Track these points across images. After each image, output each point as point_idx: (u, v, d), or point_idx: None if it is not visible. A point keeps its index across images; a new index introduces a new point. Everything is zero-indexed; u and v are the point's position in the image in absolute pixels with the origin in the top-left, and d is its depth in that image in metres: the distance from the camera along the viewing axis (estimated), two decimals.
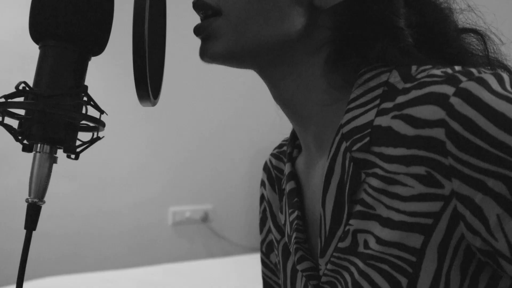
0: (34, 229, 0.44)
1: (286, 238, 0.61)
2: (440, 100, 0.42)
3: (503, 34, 0.57)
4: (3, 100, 0.43)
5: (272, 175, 0.69)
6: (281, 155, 0.69)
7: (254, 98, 2.72)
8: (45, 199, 0.45)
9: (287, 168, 0.62)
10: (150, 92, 0.46)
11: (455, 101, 0.41)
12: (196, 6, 0.53)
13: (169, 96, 1.37)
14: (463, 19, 0.56)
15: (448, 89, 0.42)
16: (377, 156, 0.46)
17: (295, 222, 0.58)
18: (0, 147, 2.13)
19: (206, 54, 0.53)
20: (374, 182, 0.46)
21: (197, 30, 0.54)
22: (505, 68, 0.55)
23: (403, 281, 0.45)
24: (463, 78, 0.42)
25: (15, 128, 0.44)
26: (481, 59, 0.55)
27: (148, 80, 0.45)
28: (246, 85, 2.67)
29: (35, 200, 0.44)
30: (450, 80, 0.43)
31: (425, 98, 0.43)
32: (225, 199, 2.73)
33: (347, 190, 0.48)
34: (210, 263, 2.34)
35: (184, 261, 2.45)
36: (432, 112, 0.42)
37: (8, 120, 0.44)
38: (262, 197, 0.73)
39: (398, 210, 0.45)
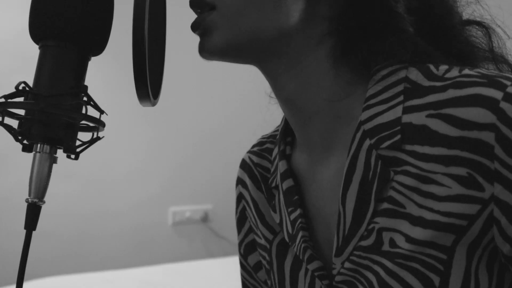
0: (34, 229, 0.44)
1: (286, 237, 0.59)
2: (490, 103, 0.42)
3: (509, 28, 0.56)
4: (3, 100, 0.43)
5: (255, 173, 0.67)
6: (264, 153, 0.67)
7: (254, 98, 2.71)
8: (45, 199, 0.45)
9: (281, 166, 0.60)
10: (150, 92, 0.45)
11: (505, 106, 0.41)
12: (192, 4, 0.53)
13: (169, 96, 1.37)
14: (468, 12, 0.55)
15: (496, 93, 0.42)
16: (408, 154, 0.46)
17: (299, 220, 0.56)
18: (0, 147, 2.13)
19: (204, 50, 0.53)
20: (406, 180, 0.46)
21: (193, 26, 0.53)
22: (508, 64, 0.55)
23: (435, 279, 0.44)
24: (507, 82, 0.43)
25: (15, 128, 0.44)
26: (485, 53, 0.54)
27: (148, 80, 0.45)
28: (246, 85, 2.66)
29: (35, 200, 0.44)
30: (495, 83, 0.43)
31: (471, 99, 0.43)
32: (225, 199, 2.73)
33: (374, 188, 0.48)
34: (210, 263, 2.34)
35: (184, 261, 2.45)
36: (481, 115, 0.42)
37: (8, 120, 0.44)
38: (241, 196, 0.70)
39: (431, 209, 0.44)
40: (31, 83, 0.44)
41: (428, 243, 0.45)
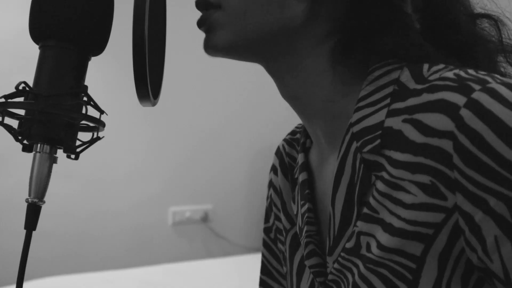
0: (34, 229, 0.44)
1: (297, 230, 0.60)
2: (450, 110, 0.41)
3: None
4: (3, 100, 0.43)
5: (285, 162, 0.68)
6: (294, 142, 0.68)
7: (254, 98, 2.72)
8: (45, 199, 0.45)
9: (300, 158, 0.61)
10: (150, 92, 0.45)
11: (465, 113, 0.40)
12: (198, 5, 0.53)
13: (169, 96, 1.37)
14: (474, 3, 0.54)
15: (459, 99, 0.41)
16: (386, 159, 0.46)
17: (306, 215, 0.57)
18: (0, 147, 2.13)
19: (209, 46, 0.53)
20: (380, 185, 0.46)
21: (199, 23, 0.54)
22: None
23: (403, 287, 0.44)
24: (476, 87, 0.41)
25: (15, 128, 0.44)
26: (495, 46, 0.53)
27: (148, 80, 0.45)
28: (246, 85, 2.67)
29: (35, 200, 0.44)
30: (462, 88, 0.41)
31: (435, 105, 0.42)
32: (225, 199, 2.73)
33: (356, 192, 0.48)
34: (210, 263, 2.34)
35: (184, 261, 2.45)
36: (442, 122, 0.41)
37: (8, 120, 0.44)
38: (271, 182, 0.71)
39: (399, 217, 0.44)
40: (31, 83, 0.44)
41: (396, 250, 0.44)
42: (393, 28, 0.49)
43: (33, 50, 0.47)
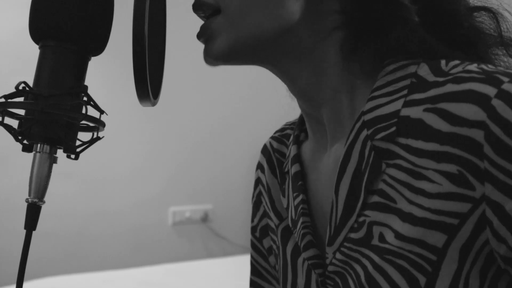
0: (34, 229, 0.44)
1: (289, 222, 0.59)
2: (481, 100, 0.41)
3: None
4: (3, 100, 0.43)
5: (272, 159, 0.68)
6: (284, 139, 0.68)
7: (254, 98, 2.72)
8: (45, 199, 0.45)
9: (292, 150, 0.61)
10: (150, 92, 0.45)
11: (497, 103, 0.40)
12: (196, 8, 0.53)
13: (169, 96, 1.37)
14: None
15: (490, 90, 0.41)
16: (402, 147, 0.46)
17: (301, 206, 0.57)
18: (0, 147, 2.13)
19: (209, 55, 0.52)
20: (398, 174, 0.45)
21: (199, 34, 0.53)
22: None
23: (421, 279, 0.44)
24: (504, 79, 0.41)
25: (15, 128, 0.44)
26: (494, 39, 0.53)
27: (148, 80, 0.45)
28: (246, 85, 2.67)
29: (35, 200, 0.44)
30: (491, 80, 0.42)
31: (464, 95, 0.42)
32: (225, 199, 2.73)
33: (365, 179, 0.48)
34: (210, 263, 2.34)
35: (184, 261, 2.45)
36: (472, 111, 0.41)
37: (8, 120, 0.44)
38: (258, 180, 0.71)
39: (421, 206, 0.44)
40: (31, 83, 0.44)
41: (417, 241, 0.44)
42: (398, 20, 0.49)
43: (33, 50, 0.47)
